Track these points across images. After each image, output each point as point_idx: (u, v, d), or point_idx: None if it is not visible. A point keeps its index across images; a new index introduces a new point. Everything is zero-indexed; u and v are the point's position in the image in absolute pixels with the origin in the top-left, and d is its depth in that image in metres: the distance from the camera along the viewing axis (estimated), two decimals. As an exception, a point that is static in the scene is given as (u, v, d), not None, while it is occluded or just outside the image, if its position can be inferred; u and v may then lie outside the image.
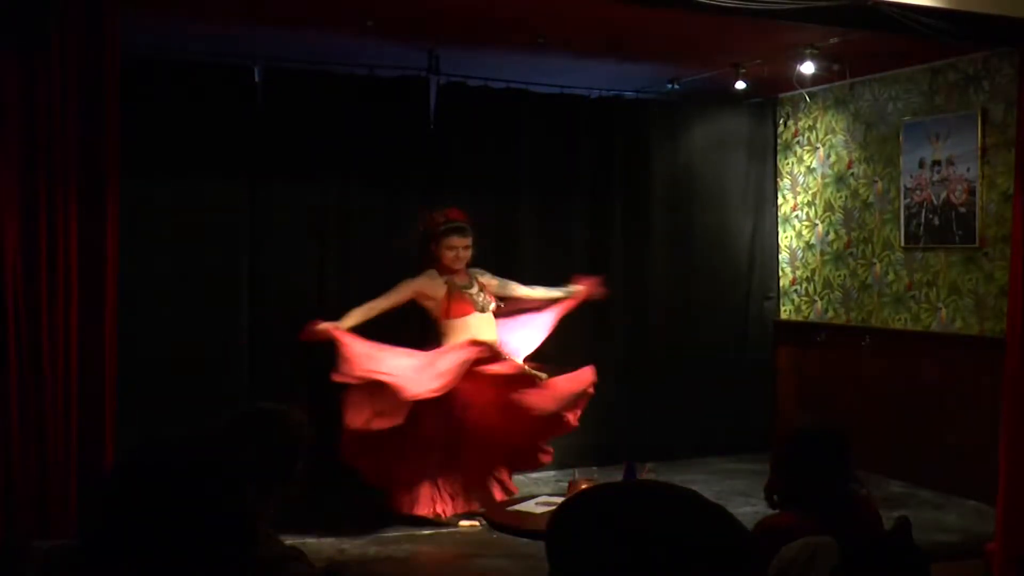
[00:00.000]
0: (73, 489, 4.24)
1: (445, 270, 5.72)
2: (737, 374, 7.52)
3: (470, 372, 5.37)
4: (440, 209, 5.82)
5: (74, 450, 4.22)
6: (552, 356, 6.84)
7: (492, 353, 5.52)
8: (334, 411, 6.28)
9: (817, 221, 7.38)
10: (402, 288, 5.70)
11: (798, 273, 7.58)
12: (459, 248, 5.69)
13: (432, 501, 5.58)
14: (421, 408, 5.36)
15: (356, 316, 5.54)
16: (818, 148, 7.37)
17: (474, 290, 5.79)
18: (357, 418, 5.29)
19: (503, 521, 4.61)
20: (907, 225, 6.61)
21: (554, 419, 5.64)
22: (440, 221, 5.72)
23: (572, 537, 1.28)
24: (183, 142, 5.97)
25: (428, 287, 5.72)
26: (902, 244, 6.66)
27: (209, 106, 6.04)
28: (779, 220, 7.73)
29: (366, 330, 5.58)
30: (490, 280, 5.94)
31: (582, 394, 5.68)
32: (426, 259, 5.80)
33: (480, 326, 5.70)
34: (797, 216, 7.57)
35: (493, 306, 5.84)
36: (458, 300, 5.70)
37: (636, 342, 7.24)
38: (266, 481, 2.48)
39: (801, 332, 7.49)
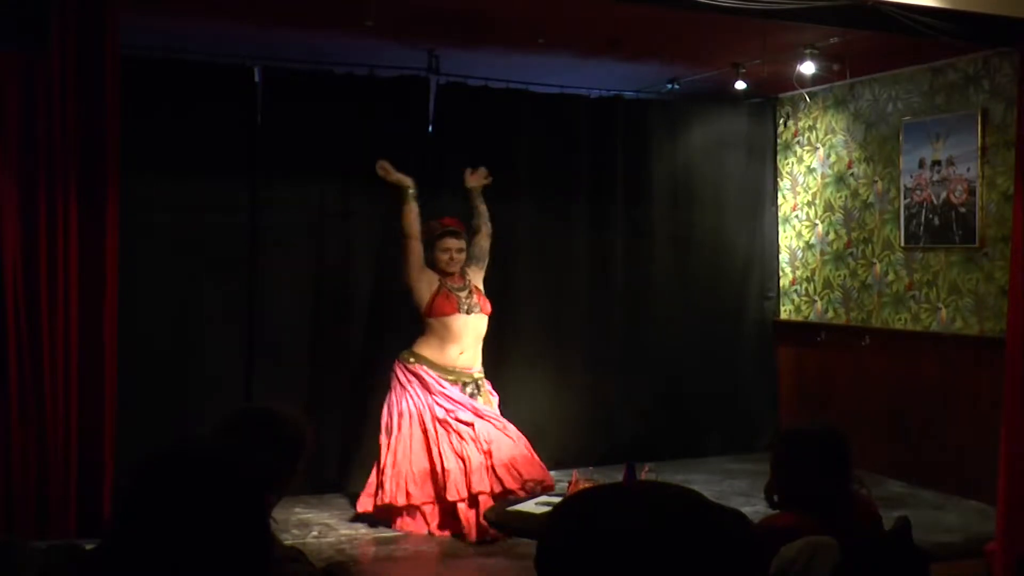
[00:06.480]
0: (73, 489, 4.24)
1: (441, 273, 5.81)
2: (737, 374, 7.51)
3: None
4: (436, 219, 5.89)
5: (74, 450, 4.23)
6: (551, 356, 6.85)
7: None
8: (332, 410, 6.32)
9: (817, 221, 7.38)
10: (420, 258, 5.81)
11: (798, 273, 7.58)
12: (453, 250, 5.80)
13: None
14: None
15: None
16: (818, 148, 7.36)
17: (464, 293, 5.83)
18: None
19: (503, 521, 4.60)
20: (907, 225, 6.60)
21: None
22: (436, 228, 5.85)
23: (570, 537, 1.28)
24: (183, 142, 5.97)
25: (428, 278, 5.79)
26: (902, 244, 6.65)
27: (209, 106, 6.04)
28: (779, 220, 7.72)
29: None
30: (476, 271, 5.97)
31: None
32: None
33: (463, 328, 5.76)
34: (797, 216, 7.57)
35: (479, 309, 5.86)
36: (443, 298, 5.74)
37: (636, 342, 7.23)
38: (268, 480, 2.48)
39: (801, 332, 7.48)
